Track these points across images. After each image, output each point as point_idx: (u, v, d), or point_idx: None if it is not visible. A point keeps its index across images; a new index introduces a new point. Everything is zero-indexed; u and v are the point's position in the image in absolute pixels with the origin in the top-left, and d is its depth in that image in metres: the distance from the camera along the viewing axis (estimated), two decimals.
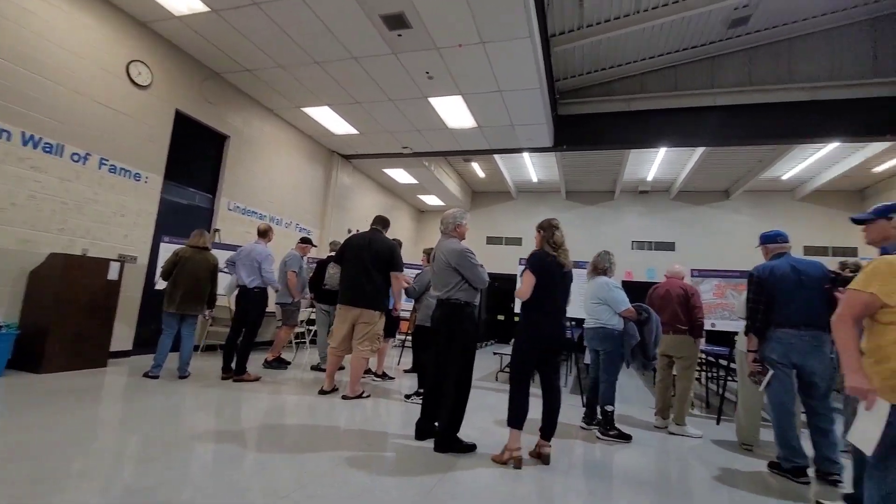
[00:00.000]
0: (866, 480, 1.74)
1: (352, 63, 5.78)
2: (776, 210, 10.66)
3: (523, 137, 7.74)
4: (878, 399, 1.64)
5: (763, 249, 3.38)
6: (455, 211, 3.25)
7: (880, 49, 6.91)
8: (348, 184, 9.71)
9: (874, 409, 1.65)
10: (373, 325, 4.08)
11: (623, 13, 6.64)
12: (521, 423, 2.77)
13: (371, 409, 3.89)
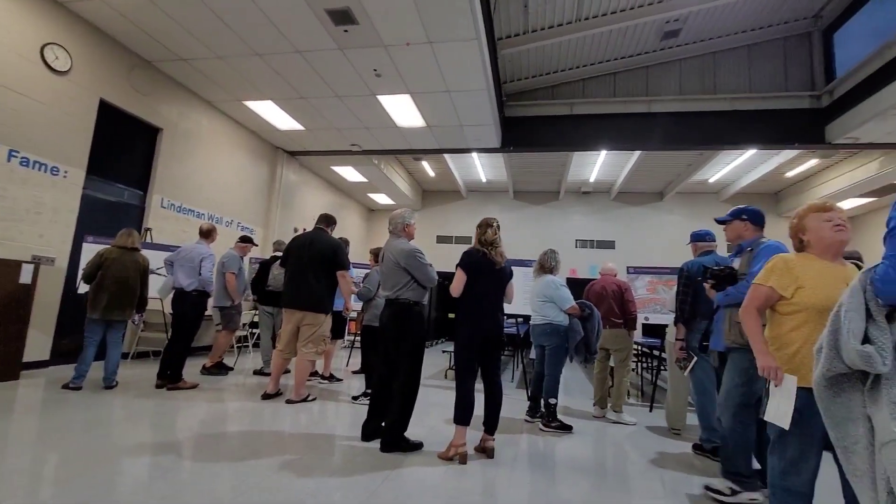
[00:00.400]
0: (769, 455, 1.93)
1: (296, 57, 5.61)
2: (704, 210, 11.49)
3: (472, 138, 7.85)
4: (786, 376, 1.81)
5: (693, 247, 3.65)
6: (403, 211, 3.26)
7: (790, 66, 7.66)
8: (295, 181, 9.41)
9: (783, 386, 1.82)
10: (317, 328, 3.98)
11: (565, 20, 6.92)
12: (467, 419, 2.83)
13: (317, 413, 3.81)
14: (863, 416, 1.25)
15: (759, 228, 2.72)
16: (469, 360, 2.93)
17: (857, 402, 1.27)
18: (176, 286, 4.43)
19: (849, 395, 1.29)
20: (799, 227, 1.95)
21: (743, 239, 2.68)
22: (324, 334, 4.05)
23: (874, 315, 1.21)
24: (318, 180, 10.66)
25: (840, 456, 1.33)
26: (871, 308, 1.22)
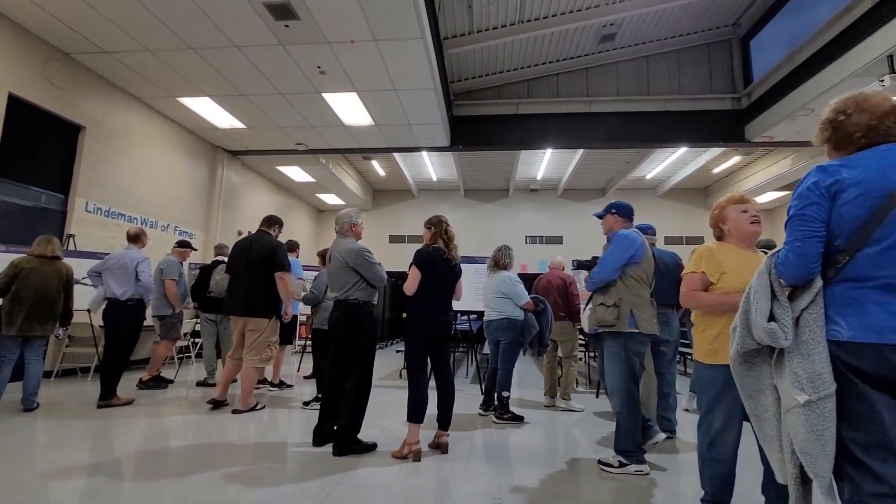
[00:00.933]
0: (697, 429, 2.09)
1: (234, 52, 5.37)
2: (642, 205, 12.12)
3: (421, 136, 7.85)
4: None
5: None
6: (349, 211, 3.23)
7: (714, 70, 8.27)
8: (237, 182, 9.00)
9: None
10: (260, 333, 3.85)
11: (509, 22, 7.08)
12: (421, 416, 2.84)
13: (266, 421, 3.69)
14: (771, 386, 1.39)
15: (627, 220, 2.98)
16: (421, 358, 2.95)
17: (766, 375, 1.41)
18: (109, 296, 4.11)
19: (759, 368, 1.42)
20: (720, 218, 2.12)
21: (613, 230, 2.95)
22: (268, 340, 3.91)
23: (777, 295, 1.34)
24: (263, 181, 10.26)
25: (753, 424, 1.46)
26: (775, 289, 1.35)
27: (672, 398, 3.46)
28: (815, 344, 1.24)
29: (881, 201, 1.21)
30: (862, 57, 5.28)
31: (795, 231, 1.31)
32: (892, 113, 1.31)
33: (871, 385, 1.18)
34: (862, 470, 1.17)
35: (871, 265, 1.21)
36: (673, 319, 3.52)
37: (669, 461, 2.96)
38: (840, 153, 1.37)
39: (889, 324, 1.16)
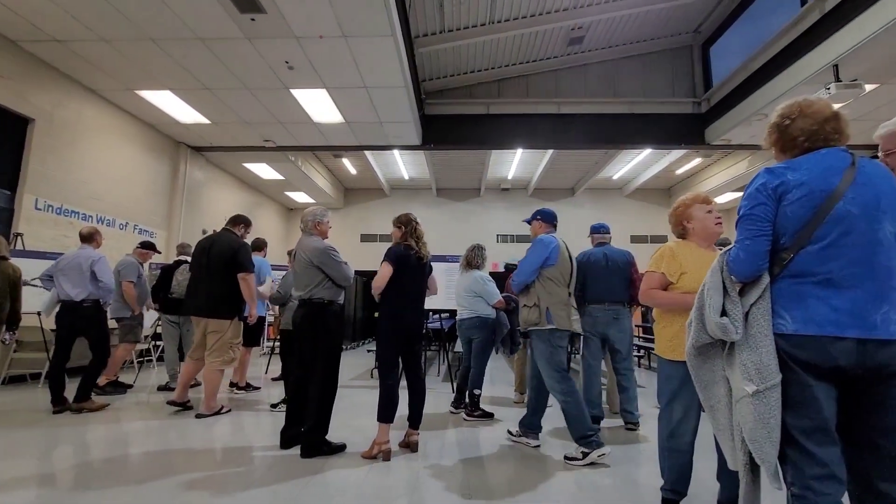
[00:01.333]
0: (658, 421, 2.17)
1: (197, 44, 5.19)
2: (610, 205, 12.50)
3: (392, 135, 7.80)
4: None
5: (591, 238, 3.97)
6: (315, 209, 3.18)
7: (677, 75, 8.58)
8: (201, 179, 8.70)
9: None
10: (221, 334, 3.74)
11: (479, 22, 7.14)
12: (391, 416, 2.83)
13: (232, 424, 3.59)
14: (723, 378, 1.46)
15: (550, 226, 3.21)
16: (392, 357, 2.94)
17: (718, 367, 1.48)
18: (63, 298, 3.90)
19: (713, 361, 1.49)
20: (685, 216, 2.19)
21: (539, 233, 3.18)
22: (230, 342, 3.80)
23: (729, 291, 1.41)
24: (229, 178, 9.96)
25: (708, 414, 1.54)
26: (726, 285, 1.42)
27: (632, 392, 3.58)
28: (763, 337, 1.31)
29: (821, 202, 1.29)
30: (810, 66, 5.60)
31: (745, 230, 1.38)
32: (832, 119, 1.39)
33: (812, 375, 1.26)
34: (803, 454, 1.24)
35: (812, 262, 1.28)
36: (624, 316, 3.64)
37: (632, 452, 3.07)
38: (785, 156, 1.45)
39: (828, 317, 1.24)
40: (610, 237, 3.95)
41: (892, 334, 1.23)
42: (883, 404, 1.25)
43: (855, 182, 1.29)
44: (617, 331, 3.60)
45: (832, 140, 1.38)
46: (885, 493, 1.24)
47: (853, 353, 1.22)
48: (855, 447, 1.28)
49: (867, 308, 1.23)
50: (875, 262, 1.25)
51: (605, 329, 3.63)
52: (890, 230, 1.27)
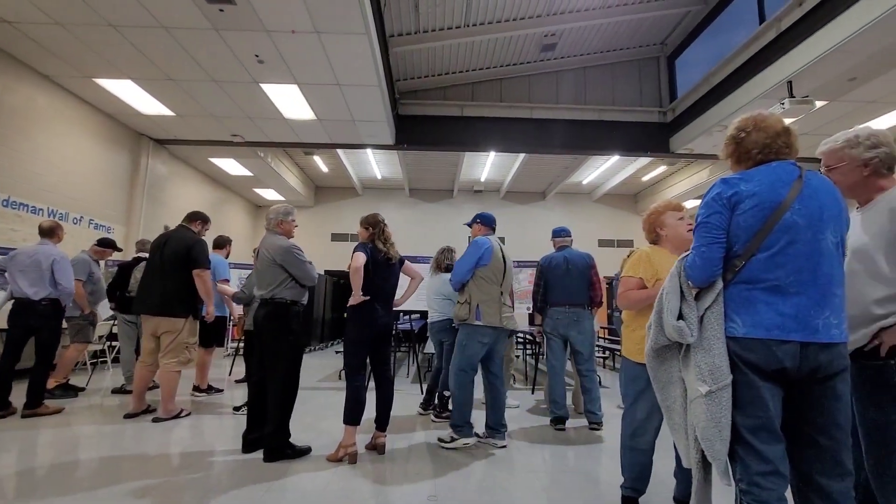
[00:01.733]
0: (622, 421, 2.23)
1: (161, 33, 4.98)
2: (579, 209, 12.79)
3: (365, 133, 7.72)
4: None
5: (553, 242, 4.05)
6: (280, 206, 3.10)
7: (644, 85, 8.86)
8: (164, 173, 8.36)
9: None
10: (176, 334, 3.60)
11: (455, 24, 7.17)
12: (357, 418, 2.80)
13: (192, 428, 3.46)
14: (679, 379, 1.52)
15: (488, 228, 3.44)
16: (360, 358, 2.90)
17: (675, 369, 1.53)
18: (18, 296, 3.67)
19: (670, 363, 1.55)
20: (657, 222, 2.25)
21: (479, 235, 3.40)
22: (185, 342, 3.66)
23: (686, 295, 1.47)
24: (195, 173, 9.61)
25: (665, 414, 1.59)
26: (683, 290, 1.48)
27: (595, 393, 3.66)
28: (716, 340, 1.37)
29: (771, 212, 1.36)
30: (766, 81, 5.89)
31: (701, 237, 1.44)
32: (783, 133, 1.47)
33: (760, 376, 1.32)
34: (750, 451, 1.31)
35: (761, 269, 1.35)
36: (584, 318, 3.73)
37: (595, 451, 3.14)
38: (740, 167, 1.52)
39: (774, 321, 1.31)
40: (571, 240, 4.04)
41: (831, 338, 1.31)
42: (821, 404, 1.33)
43: (802, 194, 1.36)
44: (578, 332, 3.68)
45: (783, 153, 1.46)
46: (824, 488, 1.31)
47: (796, 355, 1.30)
48: (796, 444, 1.35)
49: (810, 313, 1.30)
50: (818, 270, 1.32)
51: (566, 330, 3.72)
52: (832, 240, 1.35)
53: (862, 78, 5.55)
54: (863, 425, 1.56)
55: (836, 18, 4.85)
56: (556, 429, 3.61)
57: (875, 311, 1.52)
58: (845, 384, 1.35)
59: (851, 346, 1.50)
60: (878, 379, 1.52)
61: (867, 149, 1.61)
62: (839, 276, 1.35)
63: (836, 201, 1.40)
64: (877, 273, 1.53)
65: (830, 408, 1.32)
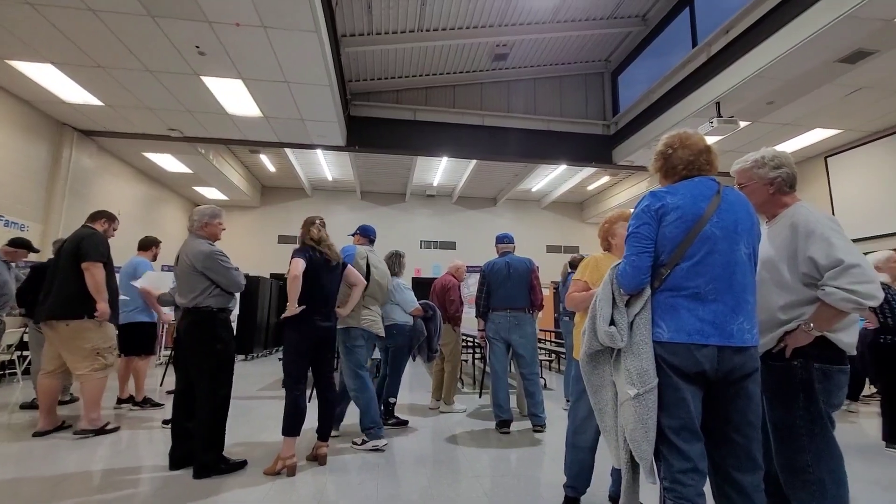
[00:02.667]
0: (567, 418, 2.30)
1: (87, 15, 4.60)
2: (528, 216, 13.14)
3: (315, 133, 7.52)
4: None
5: (496, 248, 4.14)
6: (205, 207, 2.91)
7: (589, 98, 9.27)
8: (91, 167, 7.70)
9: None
10: (83, 336, 3.27)
11: (409, 28, 7.16)
12: (297, 429, 2.70)
13: (116, 444, 3.19)
14: (610, 383, 1.58)
15: (366, 239, 3.69)
16: (300, 366, 2.80)
17: (607, 373, 1.60)
18: None
19: (602, 367, 1.62)
20: (609, 232, 2.35)
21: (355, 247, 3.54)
22: (98, 345, 3.33)
23: (617, 302, 1.54)
24: (126, 168, 8.94)
25: (597, 417, 1.65)
26: (615, 297, 1.55)
27: (538, 396, 3.73)
28: (644, 344, 1.44)
29: (692, 224, 1.45)
30: (698, 101, 6.35)
31: (631, 247, 1.52)
32: (705, 151, 1.58)
33: (683, 378, 1.40)
34: (673, 450, 1.38)
35: (684, 277, 1.44)
36: (526, 322, 3.80)
37: (537, 453, 3.22)
38: (667, 181, 1.63)
39: (695, 326, 1.40)
40: (514, 247, 4.13)
41: (744, 342, 1.41)
42: (735, 403, 1.43)
43: (720, 208, 1.47)
44: (519, 336, 3.75)
45: (704, 170, 1.57)
46: (738, 481, 1.42)
47: (714, 358, 1.39)
48: (713, 441, 1.45)
49: (726, 319, 1.41)
50: (733, 278, 1.43)
51: (507, 334, 3.78)
52: (745, 251, 1.47)
53: (779, 102, 6.11)
54: (771, 421, 1.70)
55: (758, 46, 5.31)
56: (501, 432, 3.66)
57: (780, 317, 1.66)
58: (756, 384, 1.46)
59: (761, 349, 1.63)
60: (784, 378, 1.66)
61: (771, 169, 1.77)
62: (751, 284, 1.47)
63: (749, 215, 1.52)
64: (781, 282, 1.67)
65: (743, 406, 1.43)
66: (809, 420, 1.61)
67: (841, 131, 7.09)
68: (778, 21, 5.06)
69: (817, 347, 1.62)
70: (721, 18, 6.28)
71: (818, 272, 1.58)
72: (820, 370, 1.62)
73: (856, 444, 3.57)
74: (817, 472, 1.59)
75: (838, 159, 7.74)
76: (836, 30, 4.49)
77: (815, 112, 6.45)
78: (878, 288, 1.50)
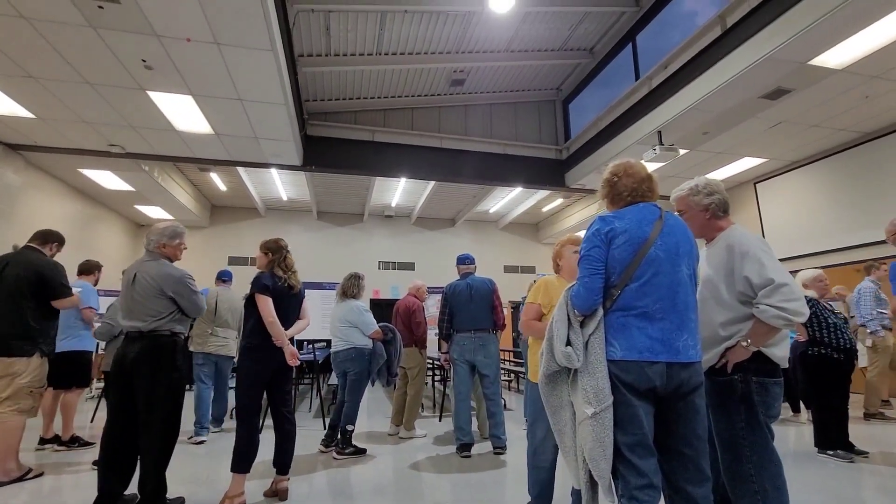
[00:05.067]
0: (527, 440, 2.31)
1: (20, 23, 4.31)
2: (487, 237, 13.35)
3: (269, 152, 7.35)
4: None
5: (457, 269, 4.16)
6: (166, 225, 2.71)
7: (543, 124, 9.67)
8: (17, 183, 7.10)
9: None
10: (13, 377, 2.98)
11: (367, 51, 7.24)
12: (249, 464, 2.54)
13: (36, 494, 2.87)
14: (568, 403, 1.61)
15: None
16: (254, 397, 2.65)
17: (564, 393, 1.63)
18: None
19: (560, 388, 1.64)
20: (558, 254, 2.43)
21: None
22: (25, 384, 3.01)
23: (572, 323, 1.58)
24: (58, 184, 8.31)
25: (556, 437, 1.67)
26: (570, 318, 1.59)
27: (499, 417, 3.71)
28: (599, 363, 1.48)
29: (639, 247, 1.53)
30: (641, 130, 6.78)
31: (584, 269, 1.57)
32: (647, 179, 1.69)
33: (635, 395, 1.45)
34: (630, 467, 1.42)
35: (633, 297, 1.51)
36: (490, 342, 3.79)
37: (499, 476, 3.19)
38: (614, 206, 1.71)
39: (645, 344, 1.46)
40: (475, 267, 4.17)
41: (689, 357, 1.49)
42: (684, 417, 1.49)
43: (662, 232, 1.56)
44: (484, 356, 3.75)
45: (647, 196, 1.67)
46: (689, 493, 1.47)
47: (664, 374, 1.45)
48: (665, 455, 1.50)
49: (672, 336, 1.48)
50: (677, 297, 1.51)
51: (472, 356, 3.77)
52: (686, 272, 1.56)
53: (713, 132, 6.63)
54: (717, 433, 1.78)
55: (693, 81, 5.77)
56: (462, 456, 3.61)
57: (721, 333, 1.77)
58: (702, 398, 1.54)
59: (705, 365, 1.73)
60: (726, 392, 1.75)
61: (705, 196, 1.92)
62: (693, 303, 1.56)
63: (688, 239, 1.63)
64: (720, 299, 1.79)
65: (691, 420, 1.50)
66: (750, 431, 1.71)
67: (767, 160, 7.77)
68: (709, 59, 5.53)
69: (755, 362, 1.73)
70: (660, 54, 6.79)
71: (752, 290, 1.70)
72: (758, 383, 1.73)
73: (791, 451, 3.80)
74: (759, 480, 1.68)
75: (766, 185, 8.45)
76: (758, 70, 4.97)
77: (743, 142, 7.04)
78: (805, 304, 1.64)
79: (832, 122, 6.43)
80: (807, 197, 7.71)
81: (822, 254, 7.38)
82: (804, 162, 7.73)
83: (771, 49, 4.67)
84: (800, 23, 4.38)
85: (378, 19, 6.63)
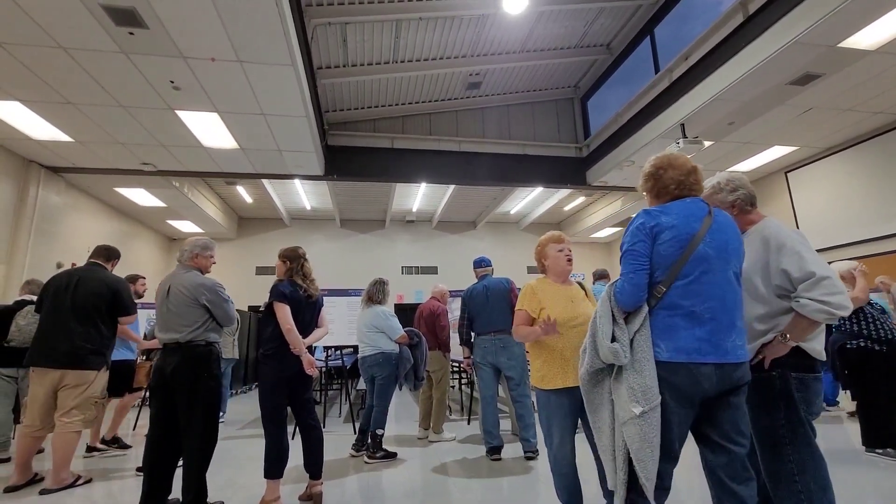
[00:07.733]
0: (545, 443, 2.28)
1: (59, 54, 4.56)
2: (508, 238, 13.28)
3: (292, 164, 7.52)
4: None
5: (475, 273, 4.15)
6: (198, 239, 2.85)
7: (561, 123, 9.58)
8: (59, 204, 7.48)
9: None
10: (84, 387, 3.14)
11: (383, 60, 7.33)
12: (280, 470, 2.59)
13: (86, 499, 3.00)
14: (609, 402, 1.58)
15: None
16: (277, 404, 2.70)
17: (606, 391, 1.60)
18: None
19: (602, 385, 1.61)
20: (542, 254, 2.40)
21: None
22: (94, 396, 3.20)
23: (617, 319, 1.55)
24: (96, 204, 8.71)
25: (595, 435, 1.64)
26: (615, 314, 1.56)
27: (528, 419, 3.60)
28: (646, 362, 1.45)
29: (687, 244, 1.49)
30: (664, 123, 6.63)
31: (628, 264, 1.54)
32: (692, 172, 1.63)
33: (675, 398, 1.43)
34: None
35: (680, 296, 1.47)
36: (512, 343, 3.65)
37: (531, 480, 3.16)
38: (658, 201, 1.67)
39: (693, 346, 1.43)
40: (491, 269, 4.14)
41: (739, 358, 1.45)
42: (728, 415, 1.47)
43: (711, 228, 1.52)
44: (507, 358, 3.65)
45: (694, 190, 1.63)
46: (736, 491, 1.43)
47: (713, 375, 1.42)
48: (712, 453, 1.47)
49: (721, 337, 1.44)
50: (726, 298, 1.47)
51: (494, 358, 3.69)
52: (734, 271, 1.52)
53: (738, 122, 6.44)
54: (756, 432, 1.73)
55: (716, 71, 5.62)
56: (492, 459, 3.58)
57: (757, 328, 1.72)
58: (744, 395, 1.50)
59: None
60: (764, 389, 1.70)
61: (729, 192, 1.86)
62: (740, 303, 1.52)
63: (736, 236, 1.58)
64: (756, 294, 1.74)
65: (734, 417, 1.46)
66: (791, 429, 1.65)
67: (798, 148, 7.49)
68: (732, 48, 5.38)
69: (793, 357, 1.68)
70: (680, 46, 6.65)
71: (791, 284, 1.64)
72: (797, 379, 1.67)
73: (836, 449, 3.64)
74: (803, 480, 1.62)
75: (798, 174, 8.15)
76: (785, 55, 4.81)
77: (772, 131, 6.81)
78: (847, 298, 1.58)
79: (867, 105, 6.15)
80: (842, 184, 7.39)
81: (860, 243, 7.06)
82: (838, 148, 7.42)
83: (797, 33, 4.51)
84: (828, 4, 4.22)
85: (393, 28, 6.72)
